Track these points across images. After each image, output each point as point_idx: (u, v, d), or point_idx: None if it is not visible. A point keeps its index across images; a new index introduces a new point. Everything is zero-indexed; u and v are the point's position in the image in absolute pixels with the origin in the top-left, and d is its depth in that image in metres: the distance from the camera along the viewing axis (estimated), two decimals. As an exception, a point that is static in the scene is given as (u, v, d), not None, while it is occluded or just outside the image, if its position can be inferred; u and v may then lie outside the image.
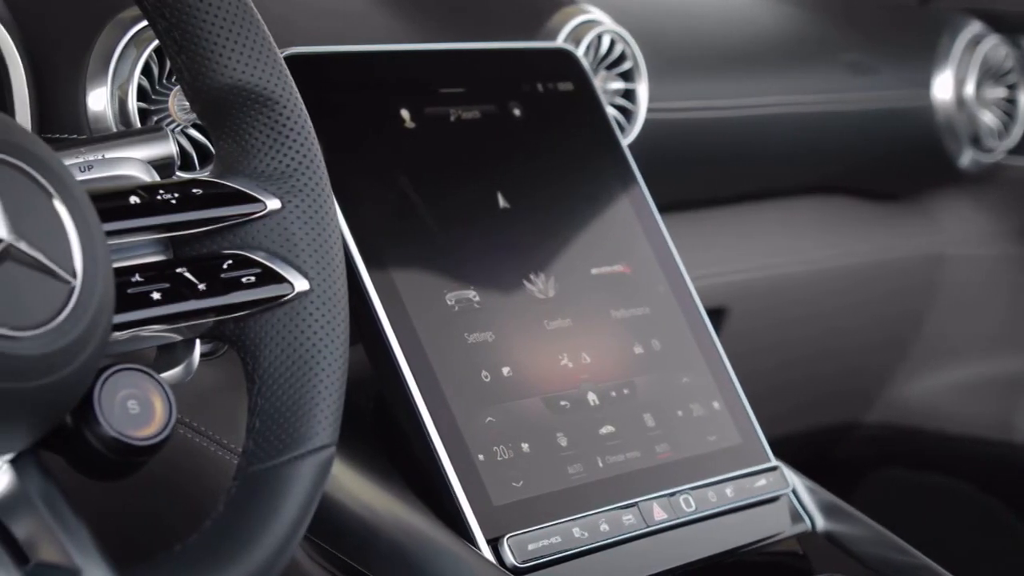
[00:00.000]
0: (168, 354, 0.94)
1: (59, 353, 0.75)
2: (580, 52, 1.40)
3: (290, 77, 0.93)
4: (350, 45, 1.24)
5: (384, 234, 1.16)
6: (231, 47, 0.90)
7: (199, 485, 1.13)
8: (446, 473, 1.10)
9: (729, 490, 1.23)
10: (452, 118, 1.26)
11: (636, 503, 1.17)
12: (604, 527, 1.14)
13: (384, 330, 1.12)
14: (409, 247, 1.17)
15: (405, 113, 1.23)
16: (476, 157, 1.26)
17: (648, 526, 1.17)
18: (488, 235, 1.23)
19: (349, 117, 1.20)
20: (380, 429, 1.17)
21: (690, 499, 1.20)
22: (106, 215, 0.83)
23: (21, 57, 1.08)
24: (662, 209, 1.35)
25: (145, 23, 1.11)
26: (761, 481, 1.26)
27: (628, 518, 1.16)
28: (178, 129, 1.13)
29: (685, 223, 1.54)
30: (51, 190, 0.77)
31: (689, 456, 1.23)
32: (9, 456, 0.79)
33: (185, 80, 0.92)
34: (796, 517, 1.29)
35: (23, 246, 0.75)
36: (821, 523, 1.29)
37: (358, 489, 1.13)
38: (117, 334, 0.85)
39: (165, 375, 0.91)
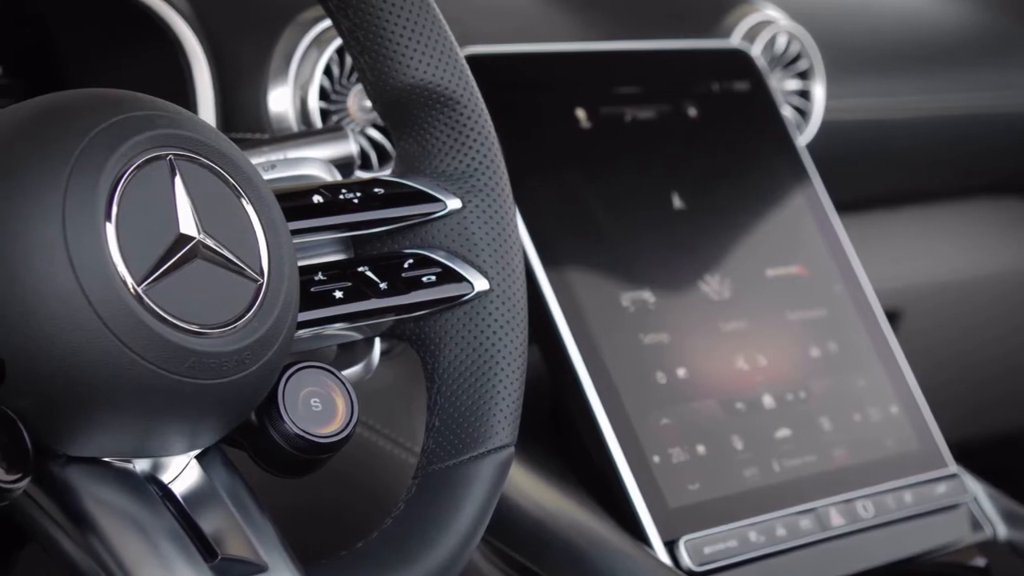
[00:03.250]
0: (348, 352, 0.94)
1: (247, 350, 0.76)
2: (756, 52, 1.39)
3: (471, 77, 0.93)
4: (524, 44, 1.24)
5: (560, 234, 1.16)
6: (414, 47, 0.90)
7: (376, 482, 1.14)
8: (621, 474, 1.10)
9: (908, 496, 1.21)
10: (627, 118, 1.26)
11: (814, 508, 1.16)
12: (781, 532, 1.13)
13: (560, 330, 1.12)
14: (585, 248, 1.17)
15: (581, 113, 1.23)
16: (651, 157, 1.26)
17: (825, 531, 1.15)
18: (663, 235, 1.22)
19: (526, 117, 1.20)
20: (555, 429, 1.17)
21: (868, 505, 1.19)
22: (290, 214, 0.83)
23: (206, 57, 1.10)
24: (839, 209, 1.34)
25: (326, 23, 1.12)
26: (941, 488, 1.24)
27: (805, 523, 1.15)
28: (357, 129, 1.14)
29: (862, 224, 1.52)
30: (240, 190, 0.78)
31: (866, 461, 1.22)
32: (196, 452, 0.80)
33: (368, 80, 0.92)
34: (976, 525, 1.26)
35: (213, 244, 0.75)
36: (1003, 531, 1.27)
37: (533, 489, 1.13)
38: (300, 332, 0.85)
39: (345, 373, 0.92)
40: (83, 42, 1.15)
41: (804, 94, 1.45)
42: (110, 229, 0.72)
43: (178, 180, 0.75)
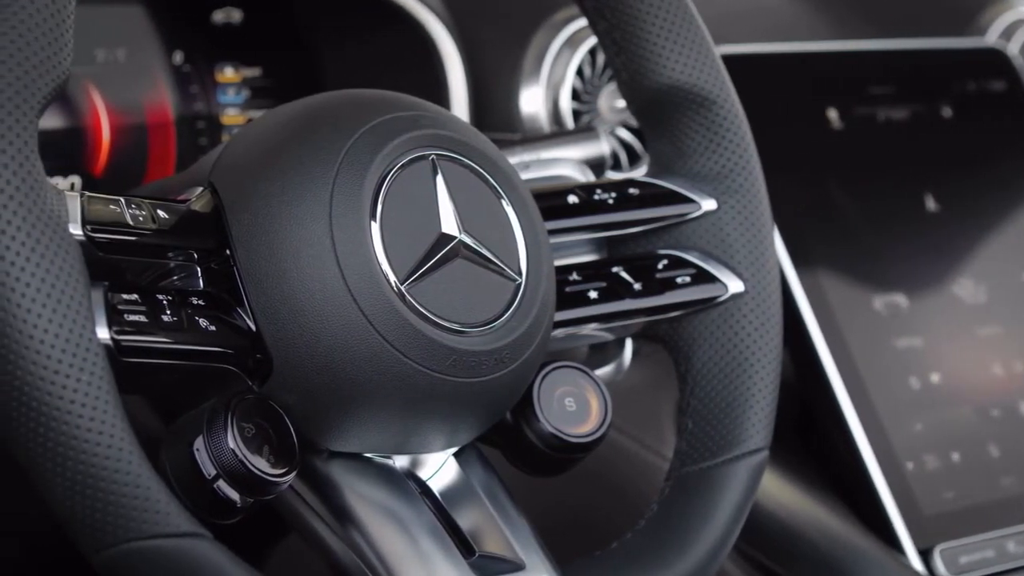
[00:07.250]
0: (599, 352, 0.94)
1: (505, 349, 0.76)
2: (1013, 50, 1.36)
3: (728, 78, 0.92)
4: (777, 43, 1.22)
5: (812, 236, 1.15)
6: (671, 48, 0.90)
7: (623, 483, 1.14)
8: (874, 480, 1.08)
9: None
10: (880, 118, 1.24)
11: (1074, 519, 1.13)
12: (1040, 543, 1.10)
13: (811, 333, 1.11)
14: (836, 249, 1.16)
15: (833, 113, 1.21)
16: (904, 158, 1.23)
17: (1086, 543, 1.12)
18: (916, 238, 1.20)
19: (778, 116, 1.19)
20: (804, 433, 1.15)
21: None
22: (546, 214, 0.83)
23: (460, 58, 1.11)
24: (1100, 212, 1.30)
25: (579, 24, 1.12)
26: None
27: (1065, 534, 1.12)
28: (608, 129, 1.14)
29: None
30: (500, 190, 0.78)
31: None
32: (454, 449, 0.81)
33: (623, 80, 0.92)
34: None
35: (473, 243, 0.76)
36: None
37: (781, 493, 1.11)
38: (555, 332, 0.85)
39: (597, 373, 0.91)
40: (338, 42, 1.17)
41: (1063, 93, 1.41)
42: (375, 228, 0.73)
43: (440, 180, 0.76)
